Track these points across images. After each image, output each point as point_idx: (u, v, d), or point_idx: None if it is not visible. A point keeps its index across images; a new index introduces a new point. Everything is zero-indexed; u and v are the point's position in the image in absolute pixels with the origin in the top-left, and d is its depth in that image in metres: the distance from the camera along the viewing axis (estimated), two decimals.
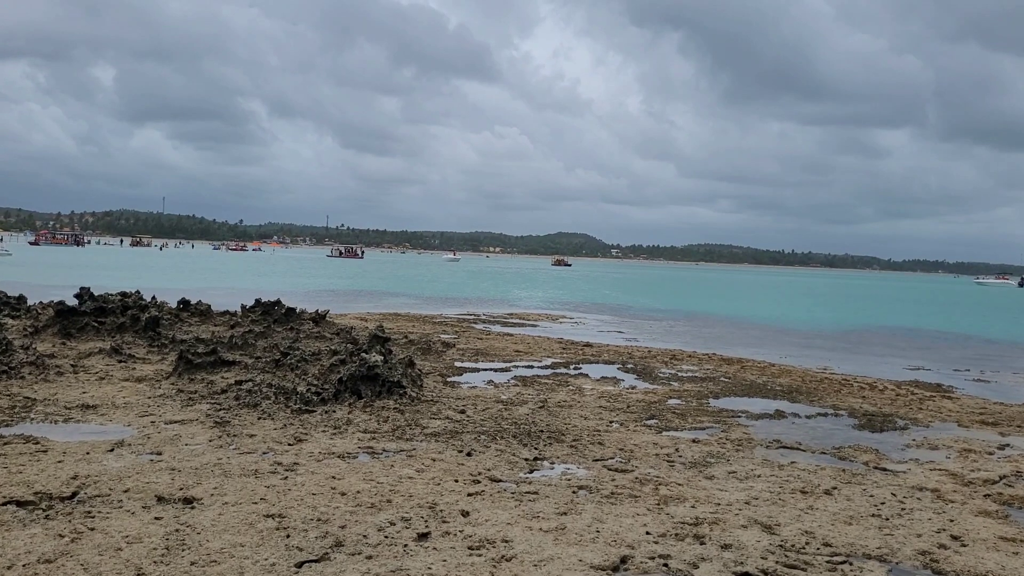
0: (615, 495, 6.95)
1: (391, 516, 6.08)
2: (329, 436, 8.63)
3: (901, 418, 11.55)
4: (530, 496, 6.80)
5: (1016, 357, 24.04)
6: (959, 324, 39.24)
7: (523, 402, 11.23)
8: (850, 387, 14.63)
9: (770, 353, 21.34)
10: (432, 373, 13.36)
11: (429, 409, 10.24)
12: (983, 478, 8.13)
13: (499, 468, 7.69)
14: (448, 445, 8.47)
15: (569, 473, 7.68)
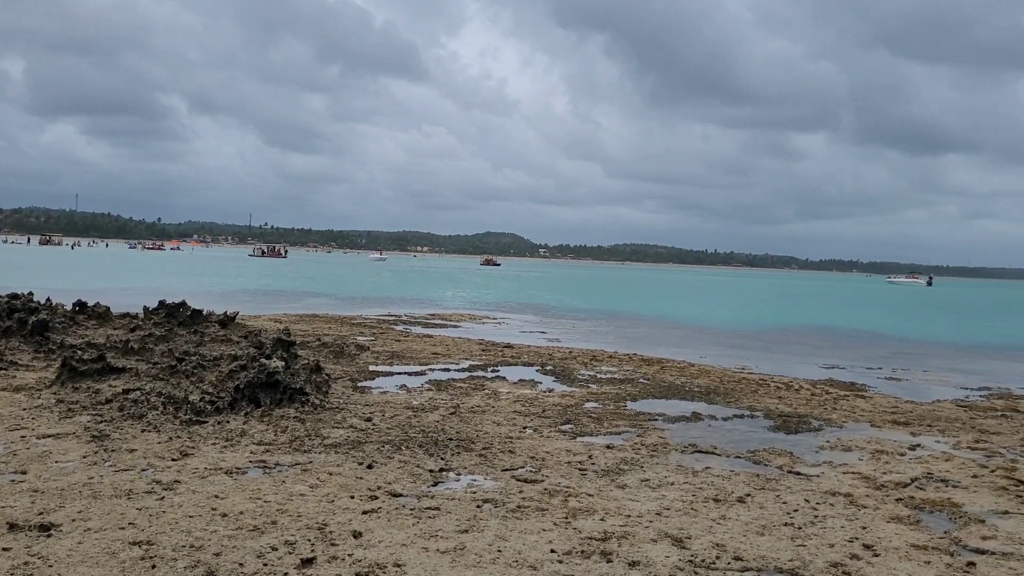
0: (521, 508, 6.57)
1: (274, 540, 5.57)
2: (219, 449, 8.03)
3: (816, 419, 11.51)
4: (430, 512, 6.36)
5: (925, 355, 24.66)
6: (872, 322, 40.32)
7: (434, 408, 10.78)
8: (767, 387, 14.62)
9: (691, 353, 21.36)
10: (342, 378, 12.80)
11: (333, 417, 9.71)
12: (895, 481, 8.04)
13: (401, 481, 7.23)
14: (348, 457, 7.96)
15: (475, 485, 7.27)
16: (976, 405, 14.01)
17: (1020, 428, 11.55)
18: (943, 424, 11.58)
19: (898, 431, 10.94)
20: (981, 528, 6.61)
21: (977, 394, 15.92)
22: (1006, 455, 9.59)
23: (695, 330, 30.64)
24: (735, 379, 15.55)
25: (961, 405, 13.88)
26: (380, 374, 13.85)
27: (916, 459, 9.15)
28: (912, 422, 11.62)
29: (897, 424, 11.42)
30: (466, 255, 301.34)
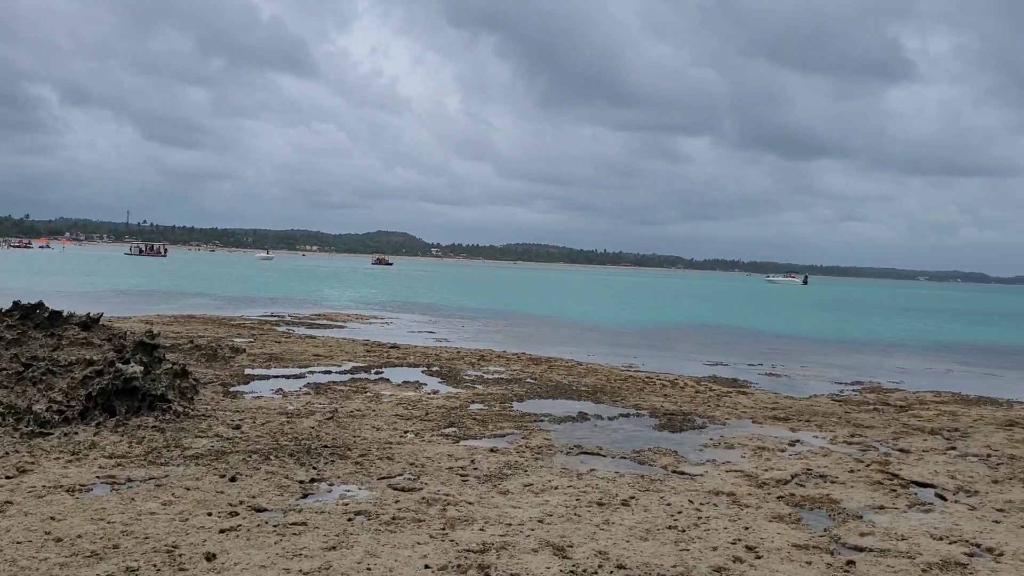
0: (396, 521, 6.16)
1: (113, 567, 4.97)
2: (63, 464, 7.27)
3: (700, 416, 11.54)
4: (296, 528, 5.87)
5: (801, 351, 25.52)
6: (752, 320, 41.66)
7: (311, 413, 10.22)
8: (653, 385, 14.67)
9: (579, 351, 21.38)
10: (213, 383, 12.03)
11: (197, 426, 9.02)
12: (776, 478, 8.04)
13: (266, 495, 6.69)
14: (210, 469, 7.35)
15: (348, 496, 6.81)
16: (850, 399, 14.45)
17: (891, 422, 11.91)
18: (820, 419, 11.82)
19: (778, 427, 11.08)
20: (859, 524, 6.62)
21: (851, 388, 16.46)
22: (879, 449, 9.81)
23: (583, 329, 30.82)
24: (622, 377, 15.55)
25: (836, 399, 14.28)
26: (255, 378, 13.13)
27: (796, 455, 9.23)
28: (791, 418, 11.81)
29: (777, 420, 11.58)
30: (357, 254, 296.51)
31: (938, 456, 9.42)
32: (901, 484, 8.00)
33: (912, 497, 7.55)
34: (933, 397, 15.39)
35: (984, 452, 9.66)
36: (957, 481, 8.15)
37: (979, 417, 12.69)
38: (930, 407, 13.80)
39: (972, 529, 6.50)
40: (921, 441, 10.32)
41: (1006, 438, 10.65)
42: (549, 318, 35.90)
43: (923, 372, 20.80)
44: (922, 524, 6.63)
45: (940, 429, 11.31)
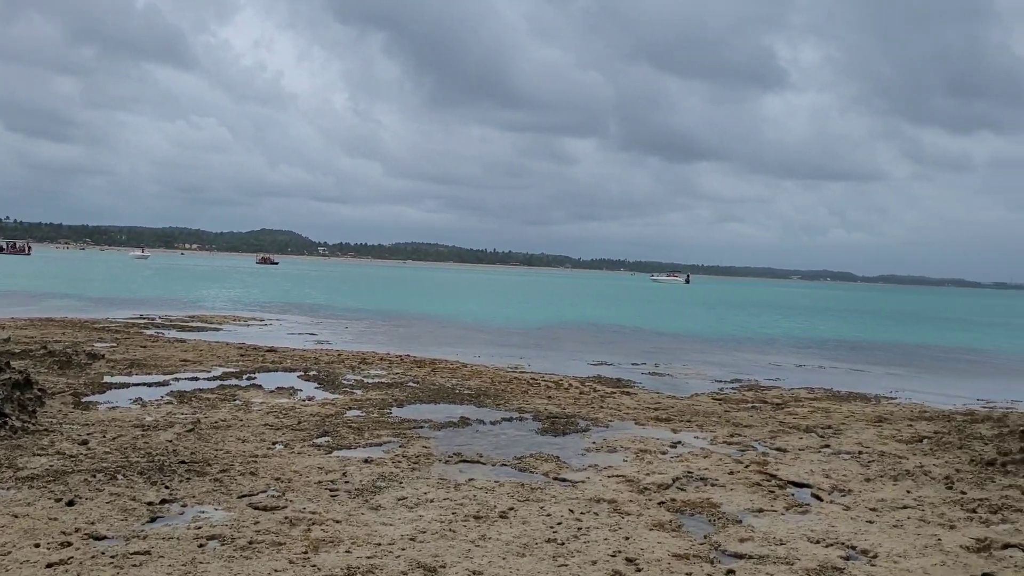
0: (253, 545, 5.64)
1: None
2: None
3: (583, 419, 11.39)
4: (137, 559, 5.27)
5: (683, 349, 26.02)
6: (637, 319, 42.41)
7: (170, 425, 9.47)
8: (537, 387, 14.48)
9: (465, 352, 21.06)
10: (63, 393, 11.05)
11: (38, 442, 8.17)
12: (658, 483, 7.90)
13: (107, 520, 6.03)
14: (45, 492, 6.60)
15: (202, 518, 6.22)
16: (730, 398, 14.66)
17: (769, 420, 12.09)
18: (701, 419, 11.87)
19: (661, 428, 11.04)
20: (739, 529, 6.52)
21: (730, 387, 16.76)
22: (758, 448, 9.87)
23: (471, 329, 30.53)
24: (507, 379, 15.30)
25: (717, 398, 14.46)
26: (114, 386, 12.17)
27: (677, 457, 9.16)
28: (673, 418, 11.82)
29: (660, 421, 11.55)
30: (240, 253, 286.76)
31: (813, 455, 9.55)
32: (779, 485, 8.01)
33: (790, 498, 7.55)
34: (807, 394, 15.82)
35: (856, 449, 9.86)
36: (832, 480, 8.23)
37: (850, 414, 13.06)
38: (805, 404, 14.14)
39: (847, 531, 6.50)
40: (797, 440, 10.47)
41: (876, 434, 10.94)
42: (436, 318, 35.44)
43: (797, 369, 21.49)
44: (800, 527, 6.60)
45: (815, 427, 11.54)
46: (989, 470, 8.38)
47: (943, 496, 7.56)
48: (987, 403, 16.14)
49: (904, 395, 16.83)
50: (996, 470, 8.33)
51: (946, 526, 6.62)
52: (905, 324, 50.39)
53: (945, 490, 7.80)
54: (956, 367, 24.78)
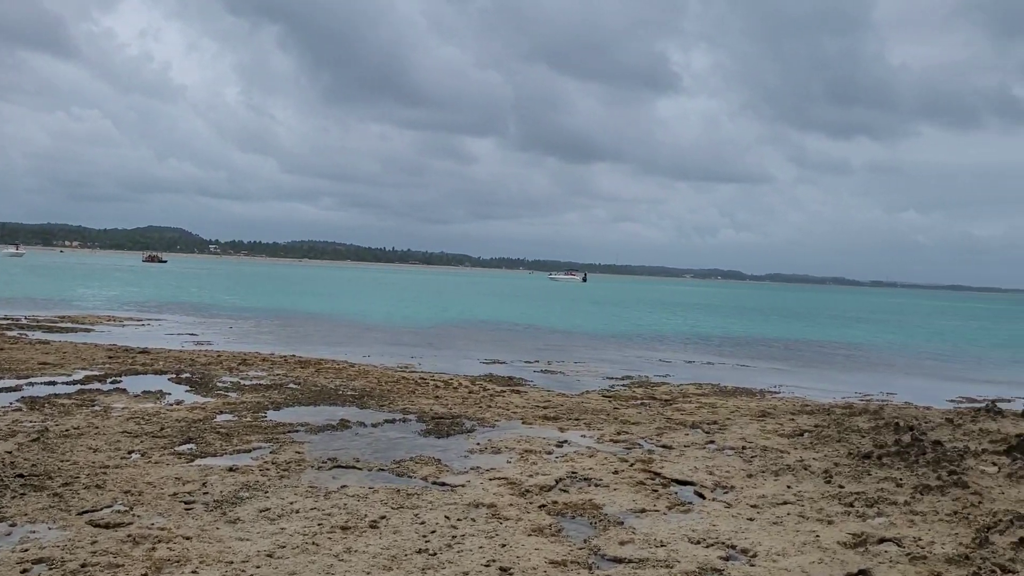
0: (86, 568, 5.05)
1: None
2: None
3: (469, 419, 11.05)
4: None
5: (577, 346, 26.07)
6: (533, 316, 42.48)
7: (12, 434, 8.61)
8: (425, 387, 14.07)
9: (356, 352, 20.45)
10: None
11: None
12: (540, 484, 7.63)
13: None
14: None
15: (31, 539, 5.56)
16: (619, 395, 14.61)
17: (656, 417, 12.05)
18: (590, 417, 11.72)
19: (548, 427, 10.81)
20: (620, 532, 6.30)
21: (621, 383, 16.77)
22: (644, 446, 9.76)
23: (364, 328, 29.80)
24: (394, 379, 14.82)
25: (607, 395, 14.39)
26: None
27: (562, 457, 8.92)
28: (561, 417, 11.62)
29: (547, 420, 11.33)
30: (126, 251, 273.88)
31: (698, 451, 9.49)
32: (662, 483, 7.87)
33: (672, 497, 7.40)
34: (695, 390, 15.97)
35: (740, 445, 9.87)
36: (715, 477, 8.15)
37: (736, 409, 13.19)
38: (692, 400, 14.23)
39: (728, 529, 6.37)
40: (683, 436, 10.42)
41: (759, 429, 11.02)
42: (328, 317, 34.48)
43: (687, 365, 21.78)
44: (681, 527, 6.43)
45: (700, 423, 11.55)
46: (866, 463, 8.48)
47: (822, 490, 7.57)
48: (864, 396, 16.68)
49: (787, 389, 17.23)
50: (872, 463, 8.43)
51: (824, 521, 6.58)
52: (789, 320, 52.30)
53: (824, 484, 7.82)
54: (835, 361, 25.70)
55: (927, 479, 7.62)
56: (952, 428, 10.39)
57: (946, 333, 46.78)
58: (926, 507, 6.86)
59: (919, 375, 22.75)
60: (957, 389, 19.06)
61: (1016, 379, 23.05)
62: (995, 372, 25.07)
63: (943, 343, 37.67)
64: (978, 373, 24.43)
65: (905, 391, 18.02)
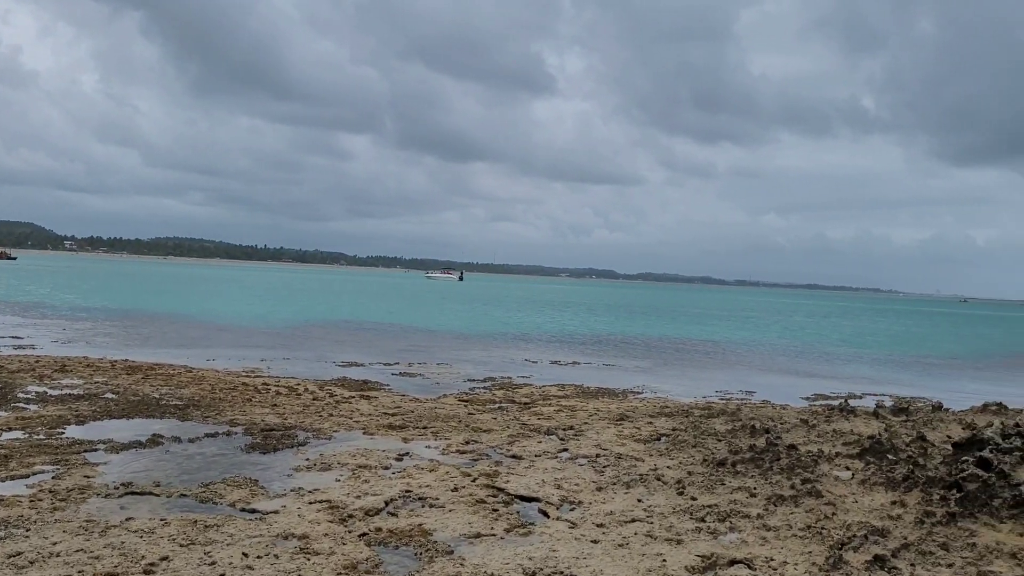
0: None
1: None
2: None
3: (305, 430, 10.03)
4: None
5: (443, 347, 25.22)
6: (402, 316, 41.38)
7: None
8: (265, 394, 12.90)
9: (200, 355, 18.93)
10: None
11: None
12: (367, 507, 6.75)
13: None
14: None
15: None
16: (477, 398, 13.89)
17: (512, 422, 11.37)
18: (440, 424, 10.91)
19: (391, 437, 9.92)
20: (447, 564, 5.51)
21: (482, 386, 16.07)
22: (492, 456, 9.03)
23: (217, 329, 27.94)
24: (232, 385, 13.55)
25: (463, 399, 13.63)
26: None
27: (400, 473, 8.07)
28: (409, 425, 10.76)
29: (392, 429, 10.44)
30: None
31: (549, 461, 8.84)
32: (505, 501, 7.14)
33: (513, 517, 6.68)
34: (557, 391, 15.45)
35: (594, 452, 9.30)
36: (563, 491, 7.50)
37: (595, 411, 12.70)
38: (553, 402, 13.67)
39: (568, 556, 5.69)
40: (536, 444, 9.76)
41: (616, 434, 10.50)
42: (181, 317, 32.26)
43: (552, 365, 21.33)
44: (516, 555, 5.70)
45: (557, 428, 10.95)
46: (720, 471, 8.03)
47: (674, 504, 7.03)
48: (724, 395, 16.62)
49: (650, 390, 16.99)
50: (727, 471, 7.99)
51: (673, 541, 6.01)
52: (656, 319, 53.26)
53: (676, 496, 7.29)
54: (697, 359, 25.92)
55: (781, 488, 7.22)
56: (807, 429, 10.17)
57: (797, 330, 48.75)
58: (779, 520, 6.41)
59: (775, 372, 23.17)
60: (811, 386, 19.39)
61: (863, 375, 23.87)
62: (843, 368, 25.94)
63: (795, 340, 39.06)
64: (829, 369, 25.20)
65: (763, 389, 18.16)
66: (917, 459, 7.54)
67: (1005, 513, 5.93)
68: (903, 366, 28.06)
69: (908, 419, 11.02)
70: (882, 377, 23.64)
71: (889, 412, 11.55)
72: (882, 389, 19.69)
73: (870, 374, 24.43)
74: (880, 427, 10.19)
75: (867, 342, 40.87)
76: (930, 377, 24.63)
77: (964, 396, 18.90)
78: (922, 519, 6.03)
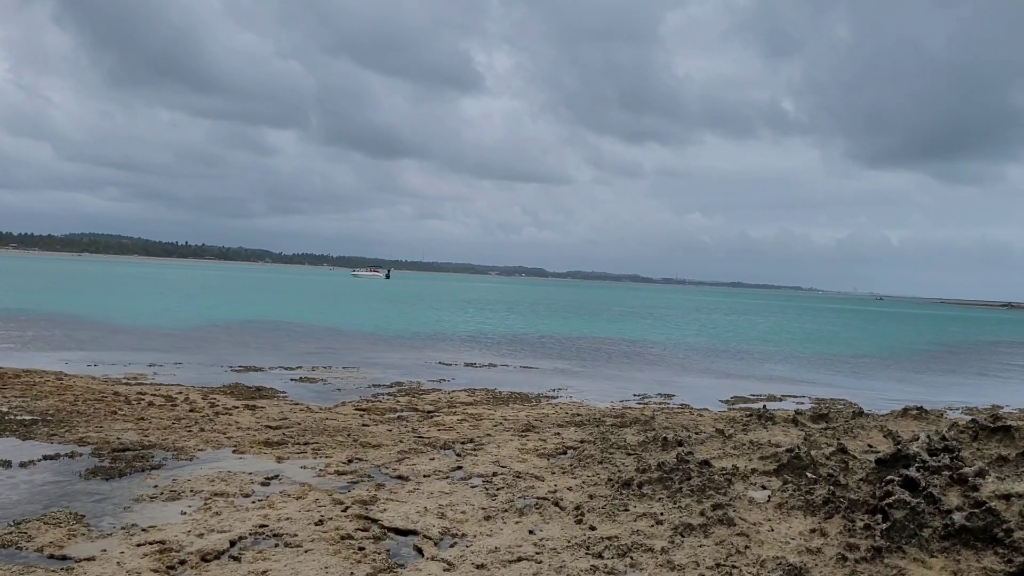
0: None
1: None
2: None
3: (165, 449, 8.85)
4: None
5: (354, 348, 24.01)
6: (316, 316, 39.85)
7: None
8: (137, 405, 11.60)
9: (81, 359, 17.41)
10: None
11: None
12: (207, 550, 5.67)
13: None
14: None
15: None
16: (377, 406, 12.83)
17: (406, 435, 10.37)
18: (325, 439, 9.84)
19: (264, 456, 8.82)
20: None
21: (387, 391, 15.05)
22: (375, 478, 8.03)
23: (111, 330, 26.11)
24: (100, 396, 12.19)
25: (360, 408, 12.55)
26: None
27: (261, 501, 6.99)
28: (289, 440, 9.65)
29: (268, 446, 9.32)
30: None
31: (438, 482, 7.88)
32: (376, 536, 6.15)
33: (381, 557, 5.70)
34: (466, 397, 14.52)
35: (491, 471, 8.38)
36: (446, 521, 6.54)
37: (502, 421, 11.81)
38: (458, 410, 12.72)
39: None
40: (427, 462, 8.79)
41: (518, 448, 9.61)
42: (76, 317, 30.19)
43: (467, 368, 20.38)
44: None
45: (455, 441, 10.00)
46: (625, 493, 7.20)
47: (569, 536, 6.14)
48: (642, 399, 15.93)
49: (566, 393, 16.20)
50: (632, 492, 7.16)
51: None
52: (580, 318, 52.81)
53: (574, 526, 6.42)
54: (616, 359, 25.31)
55: (691, 514, 6.41)
56: (723, 441, 9.45)
57: (716, 327, 48.94)
58: (686, 556, 5.58)
59: (694, 372, 22.71)
60: (730, 387, 18.92)
61: (780, 374, 23.62)
62: (761, 367, 25.72)
63: (714, 338, 39.00)
64: (746, 368, 24.92)
65: (682, 391, 17.58)
66: (838, 477, 6.83)
67: (936, 546, 5.22)
68: (819, 364, 28.04)
69: (828, 426, 10.43)
70: (799, 376, 23.45)
71: (808, 419, 10.95)
72: (800, 389, 19.37)
73: (787, 373, 24.22)
74: (799, 436, 9.55)
75: (783, 339, 41.14)
76: (844, 376, 24.57)
77: (878, 396, 18.70)
78: (844, 554, 5.28)
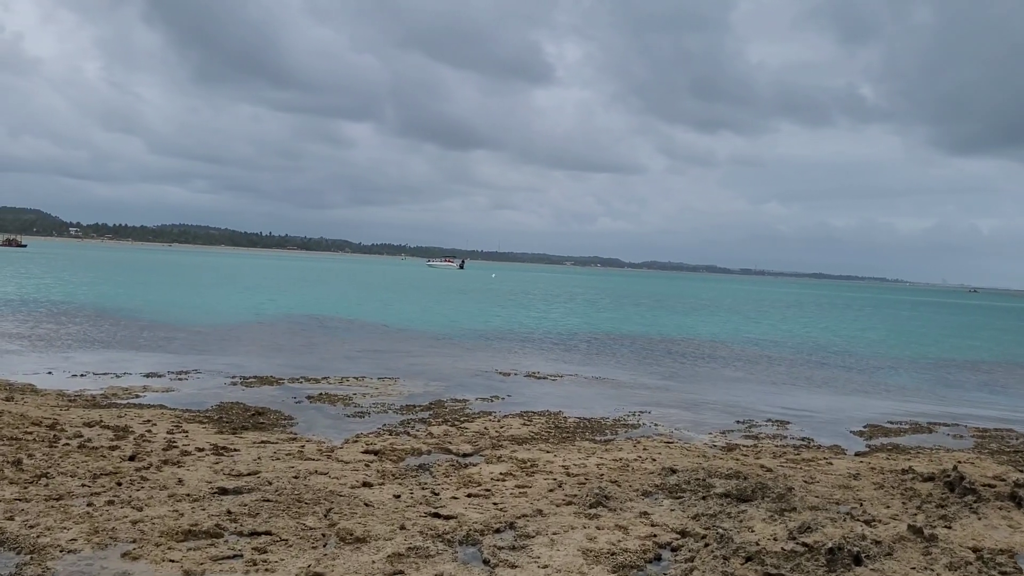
0: None
1: None
2: None
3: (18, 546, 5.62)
4: None
5: (404, 352, 20.81)
6: (375, 310, 37.03)
7: None
8: (65, 444, 8.51)
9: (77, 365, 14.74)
10: None
11: None
12: None
13: None
14: None
15: None
16: (395, 447, 9.57)
17: (415, 509, 6.93)
18: (285, 522, 6.47)
19: (166, 568, 5.49)
20: None
21: (421, 414, 11.82)
22: None
23: (140, 326, 23.54)
24: (25, 429, 9.14)
25: (372, 449, 9.27)
26: None
27: None
28: (223, 531, 6.23)
29: (184, 543, 5.93)
30: None
31: None
32: None
33: None
34: (521, 425, 11.33)
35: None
36: None
37: (562, 477, 8.32)
38: (505, 453, 9.33)
39: None
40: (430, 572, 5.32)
41: (584, 547, 6.05)
42: (107, 312, 27.97)
43: (528, 379, 16.87)
44: None
45: (487, 526, 6.51)
46: None
47: None
48: (749, 427, 12.18)
49: (650, 417, 12.62)
50: None
51: None
52: (664, 313, 48.89)
53: None
54: (710, 368, 21.41)
55: None
56: (923, 546, 5.70)
57: (810, 324, 44.19)
58: None
59: (806, 386, 18.72)
60: (856, 408, 15.08)
61: (904, 386, 19.40)
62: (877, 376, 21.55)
63: (811, 337, 34.55)
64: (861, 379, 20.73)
65: (796, 414, 13.70)
66: None
67: None
68: (945, 373, 23.66)
69: None
70: (929, 389, 19.64)
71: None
72: (940, 410, 15.55)
73: (911, 384, 20.39)
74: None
75: (891, 340, 36.38)
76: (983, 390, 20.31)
77: None
78: None
